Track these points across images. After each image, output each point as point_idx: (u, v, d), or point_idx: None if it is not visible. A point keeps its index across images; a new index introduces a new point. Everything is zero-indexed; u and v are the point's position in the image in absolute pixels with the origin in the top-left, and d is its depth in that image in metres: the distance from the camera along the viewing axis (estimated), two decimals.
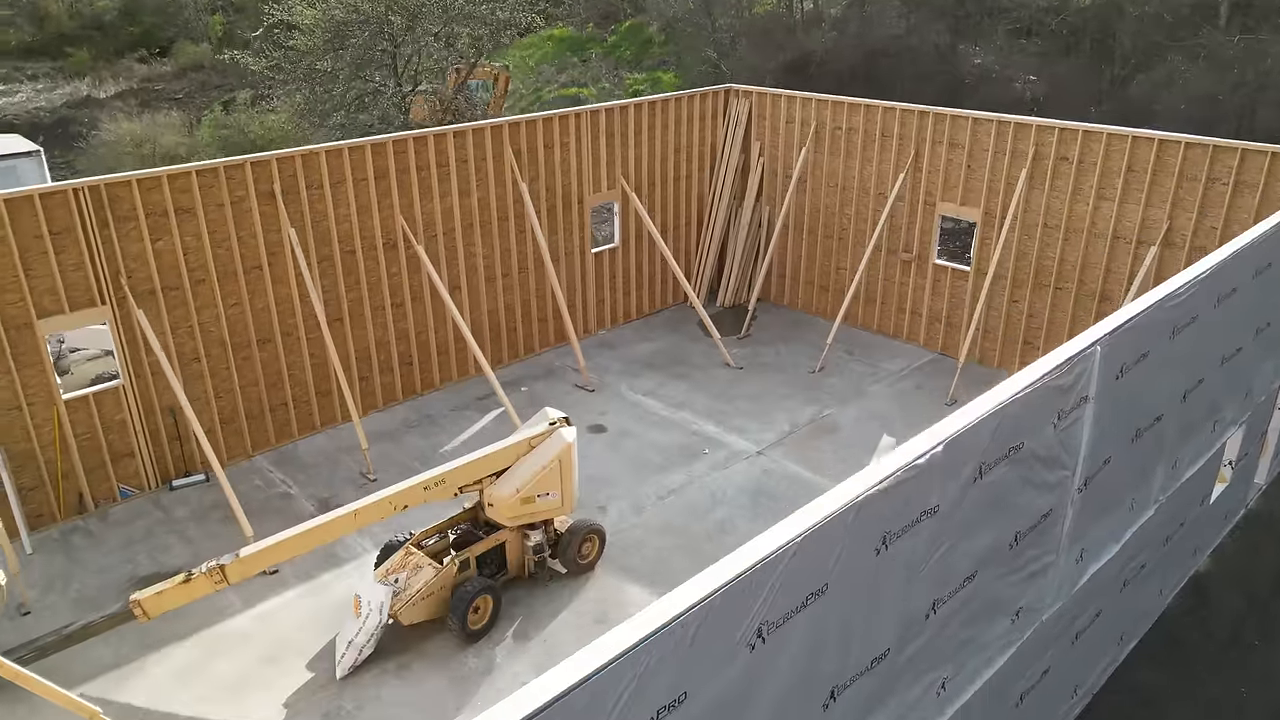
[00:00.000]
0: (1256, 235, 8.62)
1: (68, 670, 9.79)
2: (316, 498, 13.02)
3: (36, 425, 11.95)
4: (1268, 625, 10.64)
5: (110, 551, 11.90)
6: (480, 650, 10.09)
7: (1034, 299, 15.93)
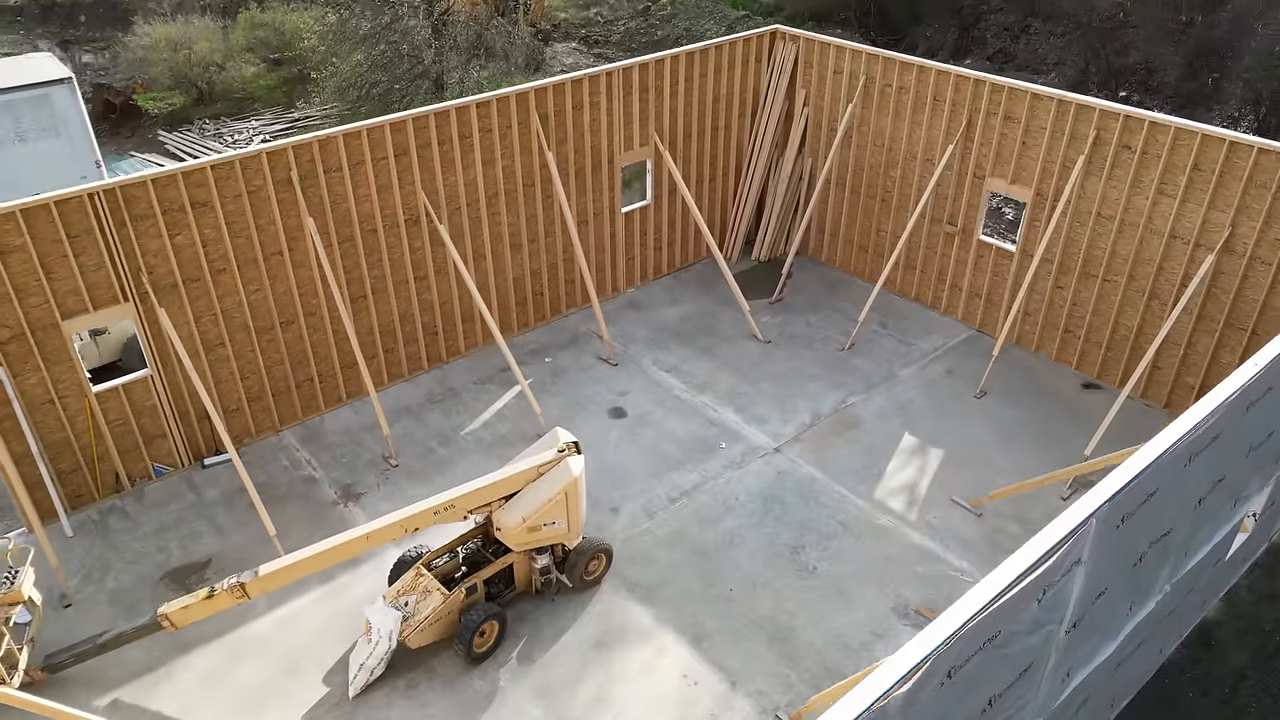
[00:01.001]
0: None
1: (104, 674, 10.54)
2: (339, 484, 13.42)
3: (70, 416, 12.38)
4: (1272, 687, 10.58)
5: (145, 537, 12.52)
6: (485, 672, 10.55)
7: (1080, 288, 15.21)
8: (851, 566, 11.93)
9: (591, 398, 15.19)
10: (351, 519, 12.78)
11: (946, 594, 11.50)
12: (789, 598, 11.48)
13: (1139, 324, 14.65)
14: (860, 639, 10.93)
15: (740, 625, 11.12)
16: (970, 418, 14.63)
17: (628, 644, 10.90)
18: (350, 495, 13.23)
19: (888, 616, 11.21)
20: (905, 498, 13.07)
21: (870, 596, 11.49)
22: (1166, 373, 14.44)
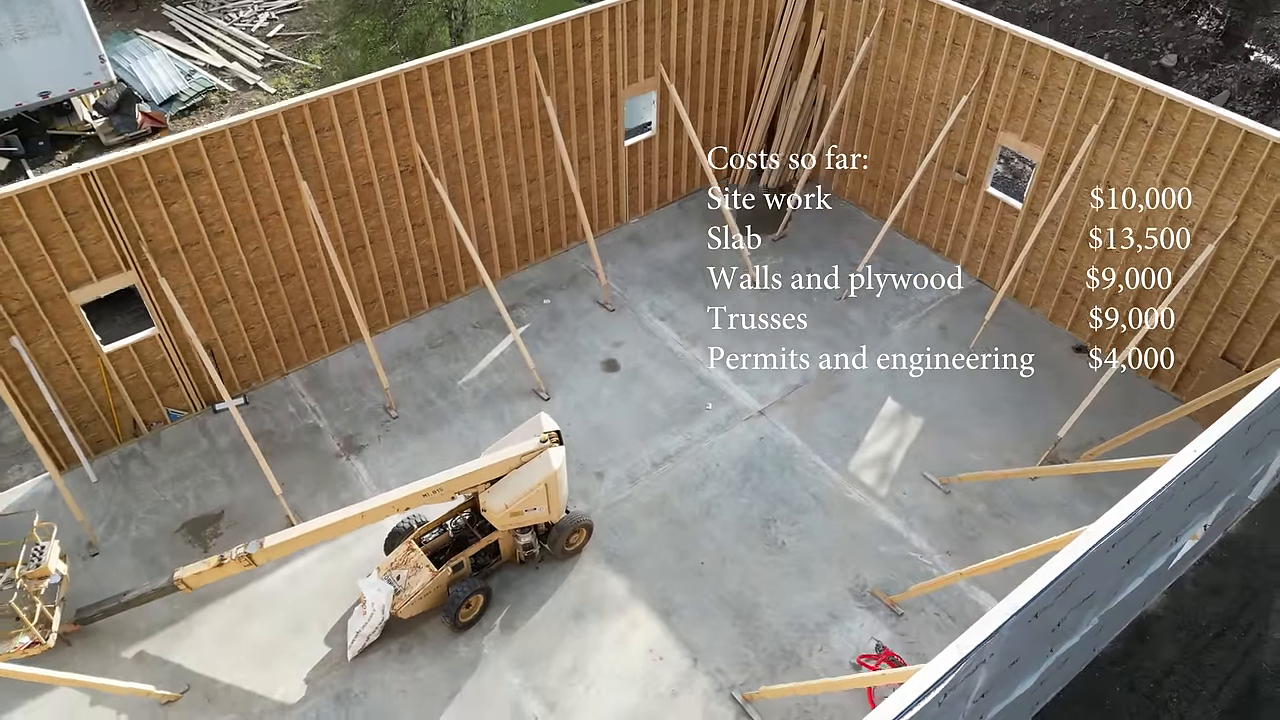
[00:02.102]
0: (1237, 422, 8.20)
1: (131, 626, 11.73)
2: (342, 435, 14.17)
3: (84, 374, 13.06)
4: (1194, 683, 11.39)
5: (163, 485, 13.47)
6: (471, 639, 11.61)
7: (1081, 252, 15.04)
8: (818, 543, 12.64)
9: (586, 347, 15.58)
10: (353, 473, 13.61)
11: (905, 575, 12.24)
12: (756, 573, 12.29)
13: (1135, 296, 14.57)
14: (817, 620, 11.79)
15: (708, 601, 12.00)
16: (956, 383, 14.89)
17: (603, 616, 11.85)
18: (352, 448, 13.99)
19: (845, 598, 12.01)
20: (879, 470, 13.60)
21: (831, 576, 12.27)
22: (1157, 344, 14.45)
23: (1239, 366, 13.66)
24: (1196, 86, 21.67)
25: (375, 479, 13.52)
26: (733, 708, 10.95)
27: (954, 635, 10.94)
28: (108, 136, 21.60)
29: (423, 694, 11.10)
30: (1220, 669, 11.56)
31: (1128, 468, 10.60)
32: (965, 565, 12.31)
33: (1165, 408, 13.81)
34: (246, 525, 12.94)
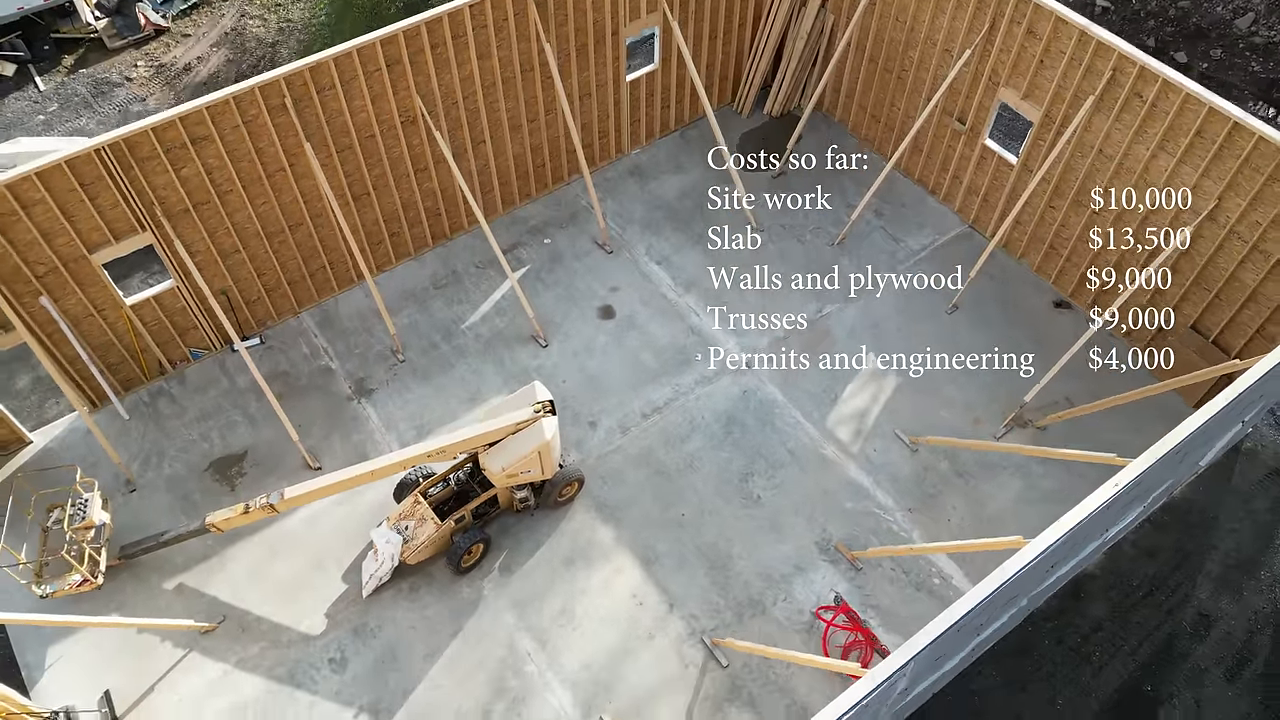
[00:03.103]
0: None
1: (170, 560, 13.15)
2: (353, 377, 15.14)
3: (110, 324, 13.95)
4: (1118, 639, 12.72)
5: (190, 424, 14.61)
6: (473, 581, 13.00)
7: (1070, 213, 15.35)
8: (790, 498, 13.77)
9: (584, 292, 16.24)
10: (364, 416, 14.67)
11: (867, 531, 13.42)
12: (731, 526, 13.50)
13: (1118, 260, 14.99)
14: (783, 571, 13.07)
15: (686, 551, 13.27)
16: (935, 338, 15.56)
17: (591, 563, 13.17)
18: (362, 390, 15.00)
19: (811, 551, 13.25)
20: (853, 427, 14.54)
21: (800, 530, 13.46)
22: (1136, 306, 14.94)
23: (1206, 338, 14.26)
24: (1222, 6, 20.95)
25: (385, 422, 14.60)
26: (702, 650, 12.40)
27: (904, 589, 12.32)
28: (111, 40, 21.51)
29: (430, 630, 12.58)
30: (1144, 626, 12.86)
31: (1077, 458, 11.47)
32: (925, 522, 13.49)
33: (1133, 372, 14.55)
34: (268, 466, 14.14)
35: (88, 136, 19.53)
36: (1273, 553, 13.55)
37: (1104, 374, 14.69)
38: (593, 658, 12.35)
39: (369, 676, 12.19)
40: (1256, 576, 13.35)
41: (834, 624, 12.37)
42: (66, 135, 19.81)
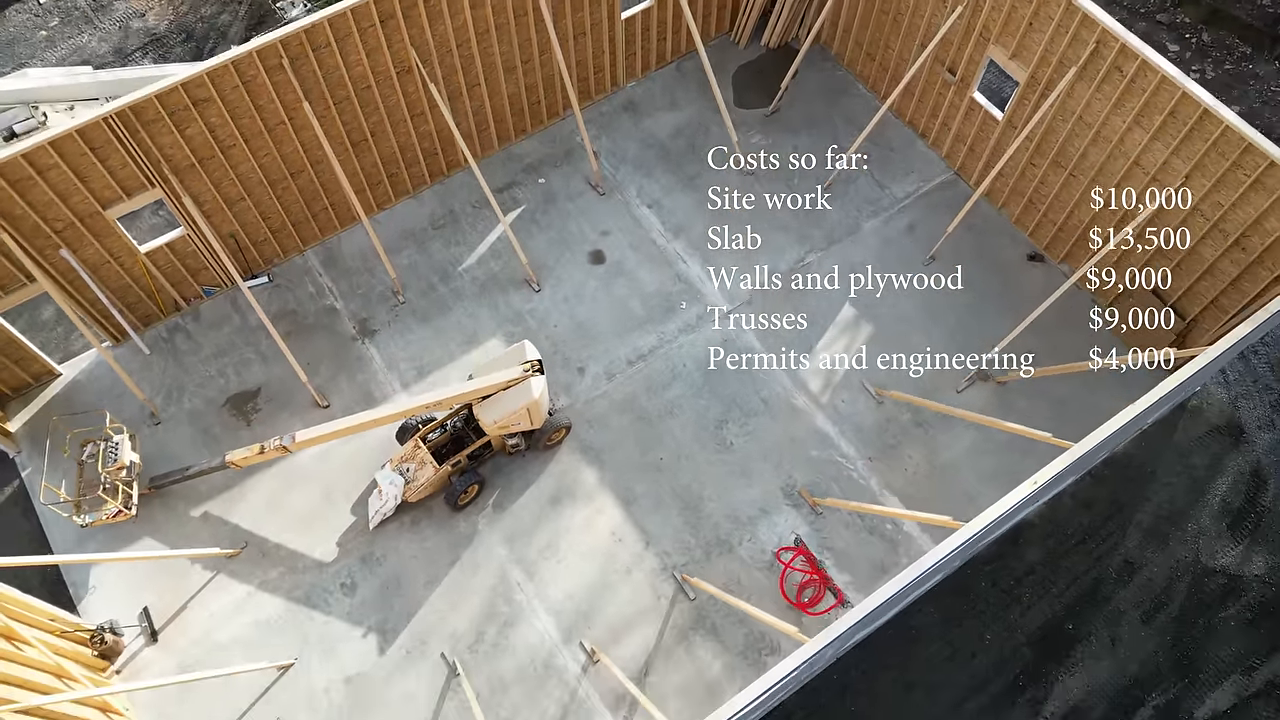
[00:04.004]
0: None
1: (196, 490, 14.54)
2: (356, 317, 16.09)
3: (126, 269, 14.82)
4: (1048, 582, 14.12)
5: (207, 360, 15.69)
6: (469, 516, 14.38)
7: (1049, 173, 15.78)
8: (761, 445, 14.93)
9: (576, 236, 16.91)
10: (368, 356, 15.72)
11: (829, 478, 14.64)
12: (704, 470, 14.73)
13: (1089, 221, 15.54)
14: (749, 514, 14.39)
15: (663, 492, 14.56)
16: (911, 289, 16.25)
17: (575, 502, 14.50)
18: (366, 331, 15.98)
19: (776, 496, 14.52)
20: (824, 378, 15.52)
21: (768, 475, 14.69)
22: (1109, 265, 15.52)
23: (1164, 301, 14.98)
24: None
25: (387, 363, 15.66)
26: (673, 584, 13.87)
27: (858, 533, 13.66)
28: None
29: (429, 559, 14.07)
30: (1073, 571, 14.24)
31: (1018, 432, 12.50)
32: (883, 470, 14.69)
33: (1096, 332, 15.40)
34: (280, 402, 15.31)
35: (90, 63, 19.72)
36: (1201, 507, 14.76)
37: (1067, 329, 15.44)
38: (575, 588, 13.84)
39: (376, 600, 13.75)
40: (1183, 529, 14.61)
41: (791, 565, 13.76)
42: (69, 53, 19.99)
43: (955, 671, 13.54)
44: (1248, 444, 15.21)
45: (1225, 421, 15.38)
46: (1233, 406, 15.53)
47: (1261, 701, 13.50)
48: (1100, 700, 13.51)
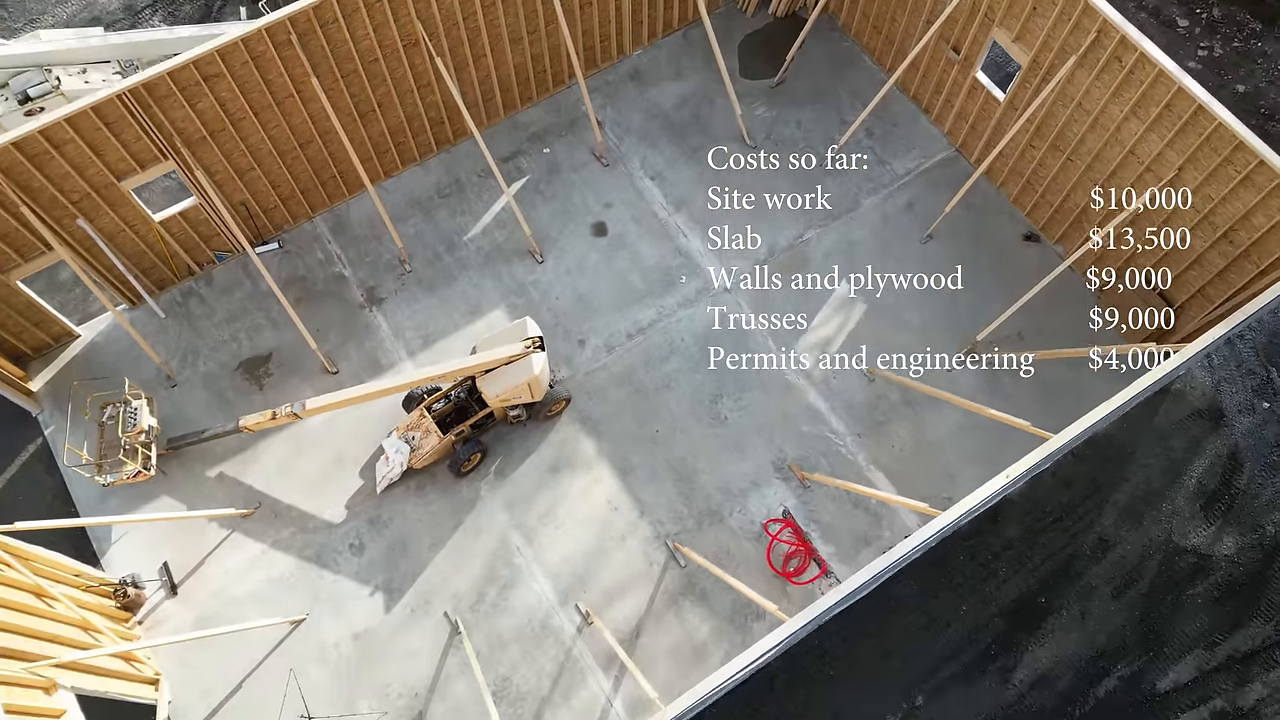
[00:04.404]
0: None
1: (212, 451, 15.19)
2: (365, 285, 16.53)
3: (141, 236, 15.25)
4: (1024, 557, 14.75)
5: (220, 324, 16.20)
6: (471, 483, 15.02)
7: (1047, 155, 15.96)
8: (754, 420, 15.46)
9: (579, 207, 17.21)
10: (375, 324, 16.20)
11: (819, 453, 15.20)
12: (699, 443, 15.29)
13: (1084, 206, 15.78)
14: (741, 486, 14.99)
15: (658, 464, 15.16)
16: (907, 266, 16.58)
17: (574, 471, 15.11)
18: (374, 299, 16.43)
19: (767, 469, 15.10)
20: (817, 354, 15.95)
21: (760, 449, 15.25)
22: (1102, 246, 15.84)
23: (1155, 290, 15.30)
24: None
25: (394, 331, 16.15)
26: (665, 551, 14.55)
27: (844, 506, 14.25)
28: None
29: (433, 523, 14.76)
30: (1049, 548, 14.85)
31: (1002, 420, 12.98)
32: (871, 446, 15.23)
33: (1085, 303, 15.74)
34: (291, 368, 15.86)
35: (101, 21, 19.81)
36: (1177, 488, 15.29)
37: (1057, 311, 15.78)
38: (572, 553, 14.54)
39: (382, 560, 14.49)
40: (1158, 509, 15.16)
41: (777, 538, 14.41)
42: (80, 9, 20.06)
43: (930, 640, 14.26)
44: (1227, 427, 15.67)
45: (1207, 405, 15.81)
46: (1215, 390, 15.94)
47: (1221, 675, 14.21)
48: (1067, 670, 14.24)
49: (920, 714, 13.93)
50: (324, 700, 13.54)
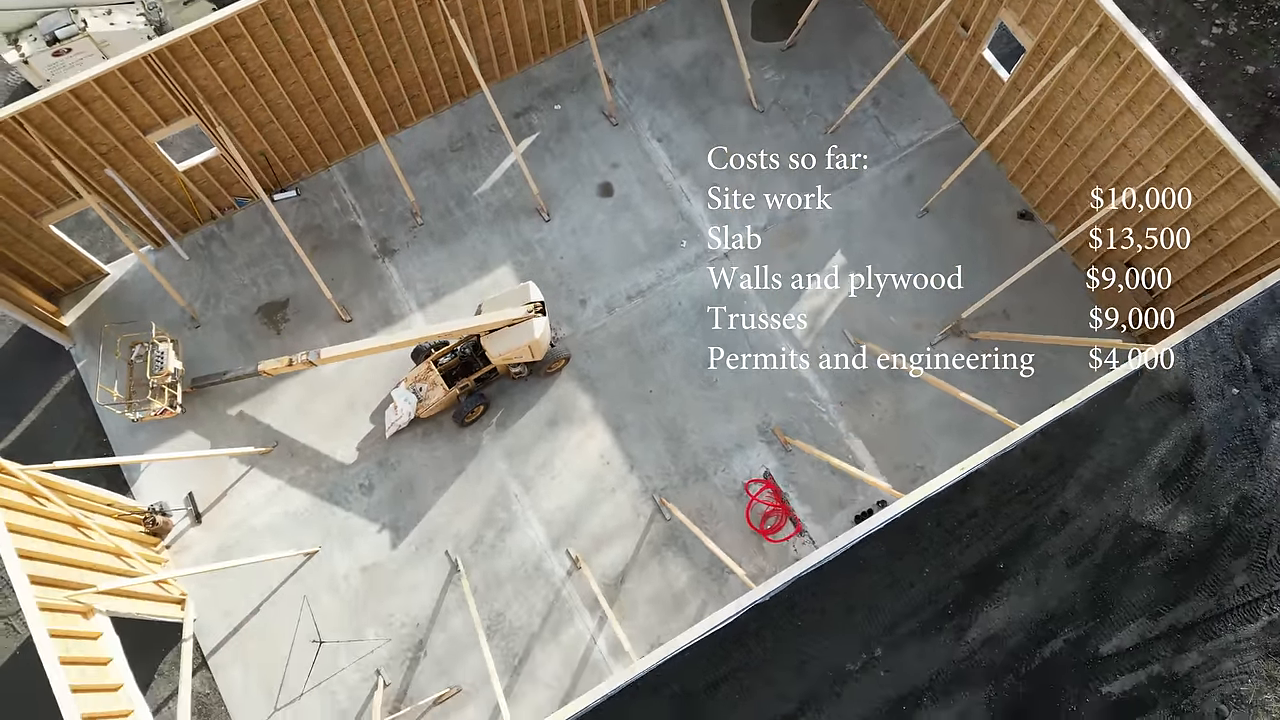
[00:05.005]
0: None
1: (233, 391, 16.22)
2: (378, 235, 17.24)
3: (165, 184, 15.97)
4: (988, 525, 15.72)
5: (240, 269, 17.03)
6: (474, 432, 16.04)
7: (1046, 138, 16.28)
8: (743, 384, 16.30)
9: (587, 166, 17.71)
10: (387, 275, 16.99)
11: (802, 419, 16.08)
12: (689, 404, 16.19)
13: (1076, 191, 16.19)
14: (726, 447, 15.94)
15: (650, 423, 16.10)
16: (902, 240, 17.13)
17: (571, 425, 16.09)
18: (386, 250, 17.18)
19: (752, 432, 16.02)
20: (808, 323, 16.67)
21: (746, 413, 16.14)
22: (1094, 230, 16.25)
23: (1135, 270, 15.82)
24: None
25: (405, 282, 16.93)
26: (652, 505, 15.62)
27: (822, 469, 15.20)
28: None
29: (438, 468, 15.84)
30: (1012, 517, 15.81)
31: (971, 404, 13.77)
32: (852, 414, 16.09)
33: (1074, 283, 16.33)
34: (307, 314, 16.74)
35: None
36: (1140, 467, 16.12)
37: (1049, 284, 16.34)
38: (565, 502, 15.63)
39: (390, 500, 15.63)
40: (1119, 485, 16.03)
41: (756, 498, 15.43)
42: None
43: (893, 599, 15.39)
44: (1195, 411, 16.39)
45: (1178, 388, 16.50)
46: (1188, 374, 16.60)
47: (1161, 643, 15.31)
48: (1018, 631, 15.37)
49: (879, 664, 15.16)
50: (334, 626, 14.88)
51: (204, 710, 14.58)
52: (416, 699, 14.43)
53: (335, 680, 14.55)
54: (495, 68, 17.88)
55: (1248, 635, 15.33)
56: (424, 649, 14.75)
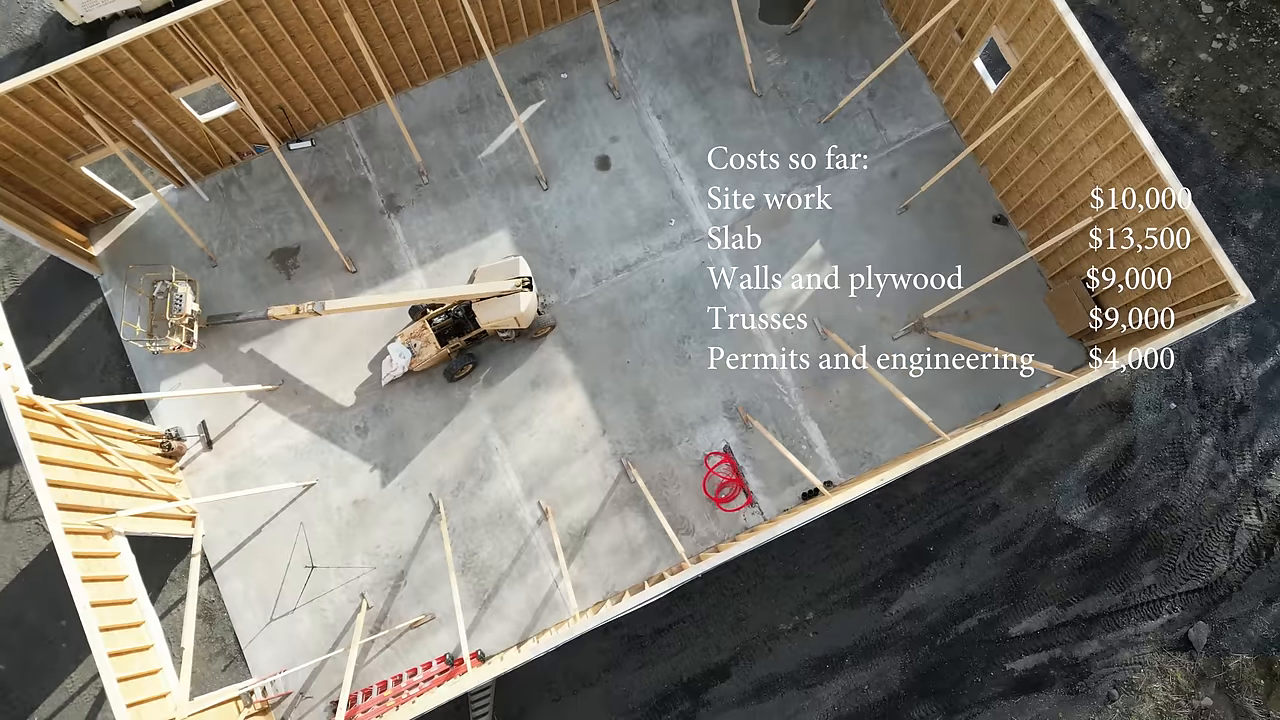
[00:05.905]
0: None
1: (245, 329, 17.64)
2: (385, 192, 18.33)
3: (189, 132, 17.04)
4: (923, 511, 17.18)
5: (256, 214, 18.22)
6: (463, 387, 17.46)
7: (1024, 153, 17.00)
8: (714, 362, 17.57)
9: (587, 138, 18.56)
10: (392, 230, 18.14)
11: (764, 399, 17.41)
12: (662, 378, 17.51)
13: (1047, 206, 17.01)
14: (691, 420, 17.34)
15: (624, 391, 17.46)
16: (880, 235, 18.05)
17: (551, 387, 17.48)
18: (392, 206, 18.28)
19: (717, 409, 17.37)
20: (782, 308, 17.79)
21: (714, 390, 17.46)
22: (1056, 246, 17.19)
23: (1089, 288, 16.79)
24: None
25: (408, 239, 18.10)
26: (619, 467, 17.14)
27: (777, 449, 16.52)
28: None
29: (428, 417, 17.35)
30: (946, 505, 17.25)
31: (914, 412, 15.03)
32: (812, 399, 17.39)
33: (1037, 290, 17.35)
34: (315, 262, 18.00)
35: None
36: (1071, 468, 17.42)
37: (1015, 289, 17.32)
38: (540, 457, 17.17)
39: (382, 444, 17.21)
40: (1050, 484, 17.38)
41: (713, 471, 16.90)
42: None
43: (828, 570, 17.00)
44: (1131, 421, 17.58)
45: (1119, 399, 17.65)
46: (1131, 385, 17.72)
47: (1067, 630, 16.93)
48: (938, 607, 17.01)
49: (809, 626, 16.90)
50: (326, 551, 16.69)
51: (209, 614, 16.55)
52: (395, 622, 16.32)
53: (325, 599, 16.44)
54: (507, 32, 18.54)
55: (1147, 630, 16.92)
56: (404, 579, 16.57)
